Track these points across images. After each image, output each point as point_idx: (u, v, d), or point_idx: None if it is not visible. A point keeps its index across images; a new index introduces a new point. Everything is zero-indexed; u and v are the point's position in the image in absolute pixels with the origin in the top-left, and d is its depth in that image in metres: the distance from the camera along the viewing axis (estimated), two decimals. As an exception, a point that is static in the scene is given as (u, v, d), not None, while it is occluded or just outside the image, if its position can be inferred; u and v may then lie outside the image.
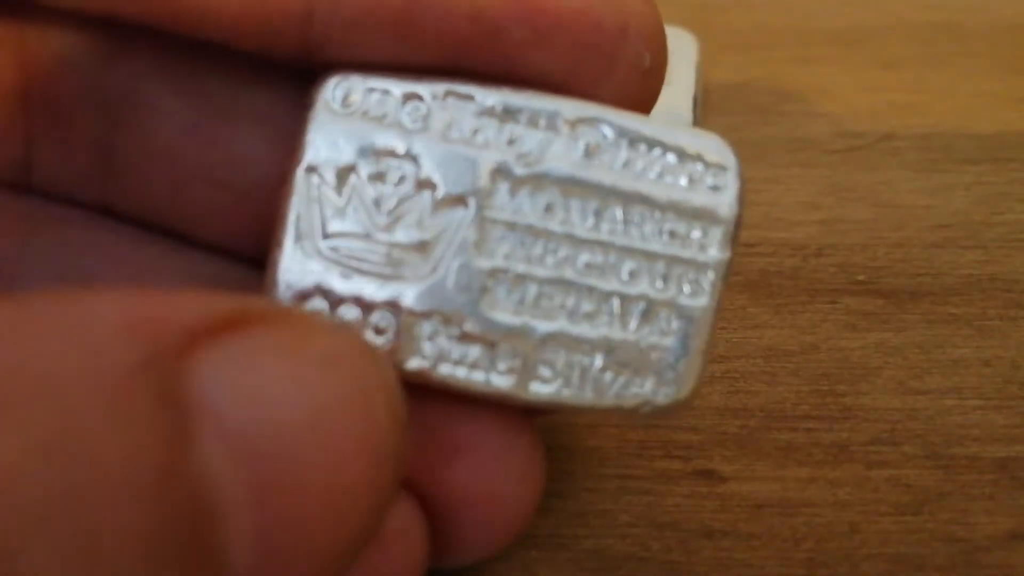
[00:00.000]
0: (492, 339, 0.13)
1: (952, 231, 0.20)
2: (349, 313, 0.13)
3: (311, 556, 0.10)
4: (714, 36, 0.24)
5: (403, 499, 0.13)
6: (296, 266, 0.13)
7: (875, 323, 0.19)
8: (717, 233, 0.13)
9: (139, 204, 0.14)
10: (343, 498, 0.10)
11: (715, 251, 0.13)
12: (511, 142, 0.13)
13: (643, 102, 0.14)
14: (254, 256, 0.14)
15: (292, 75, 0.14)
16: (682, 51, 0.23)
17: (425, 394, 0.13)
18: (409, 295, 0.13)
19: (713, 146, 0.13)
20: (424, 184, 0.13)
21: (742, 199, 0.13)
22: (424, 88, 0.13)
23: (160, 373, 0.09)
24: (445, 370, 0.13)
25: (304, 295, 0.13)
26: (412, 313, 0.13)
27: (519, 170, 0.13)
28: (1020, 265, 0.20)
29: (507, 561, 0.16)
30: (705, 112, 0.23)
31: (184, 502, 0.09)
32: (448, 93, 0.13)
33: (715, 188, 0.13)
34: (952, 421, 0.17)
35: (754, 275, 0.20)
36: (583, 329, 0.13)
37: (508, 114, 0.13)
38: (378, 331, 0.13)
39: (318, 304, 0.13)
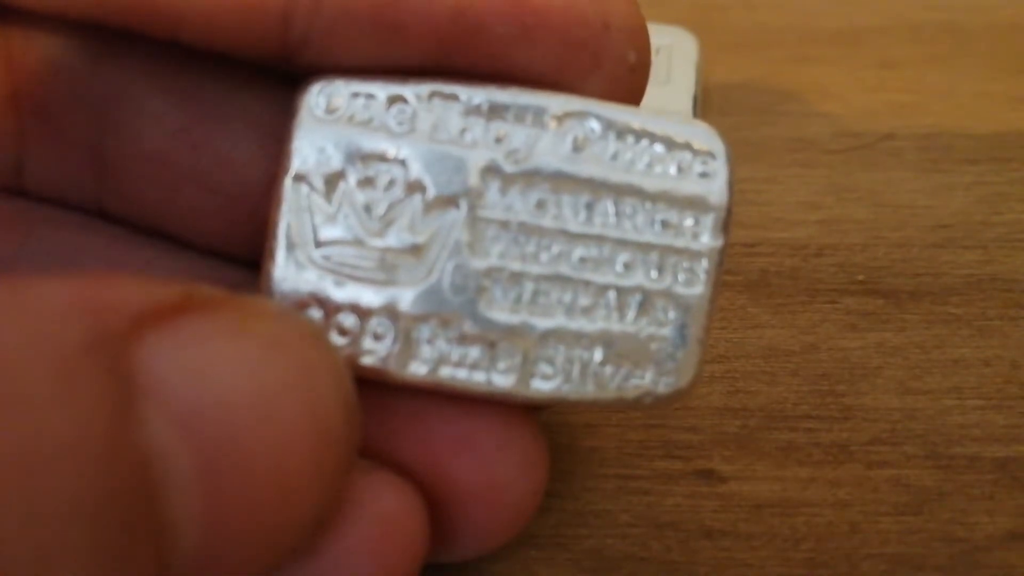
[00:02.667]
0: (491, 339, 0.13)
1: (952, 231, 0.20)
2: (346, 321, 0.13)
3: (260, 533, 0.10)
4: (714, 36, 0.24)
5: (404, 486, 0.13)
6: (290, 276, 0.13)
7: (875, 323, 0.19)
8: (709, 220, 0.13)
9: (132, 207, 0.14)
10: (290, 477, 0.11)
11: (708, 238, 0.13)
12: (499, 140, 0.13)
13: (630, 99, 0.14)
14: (248, 258, 0.14)
15: (282, 77, 0.14)
16: (682, 51, 0.23)
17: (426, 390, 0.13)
18: (405, 299, 0.13)
19: (701, 134, 0.13)
20: (414, 187, 0.13)
21: (732, 185, 0.13)
22: (408, 90, 0.13)
23: (106, 352, 0.10)
24: (446, 373, 0.13)
25: (300, 305, 0.13)
26: (409, 317, 0.13)
27: (509, 168, 0.13)
28: (1020, 265, 0.20)
29: (507, 561, 0.16)
30: (705, 112, 0.23)
31: (130, 473, 0.09)
32: (433, 94, 0.13)
33: (705, 175, 0.13)
34: (952, 421, 0.17)
35: (754, 275, 0.20)
36: (581, 324, 0.13)
37: (494, 112, 0.13)
38: (376, 337, 0.13)
39: (314, 314, 0.13)
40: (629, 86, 0.13)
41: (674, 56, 0.23)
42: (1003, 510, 0.16)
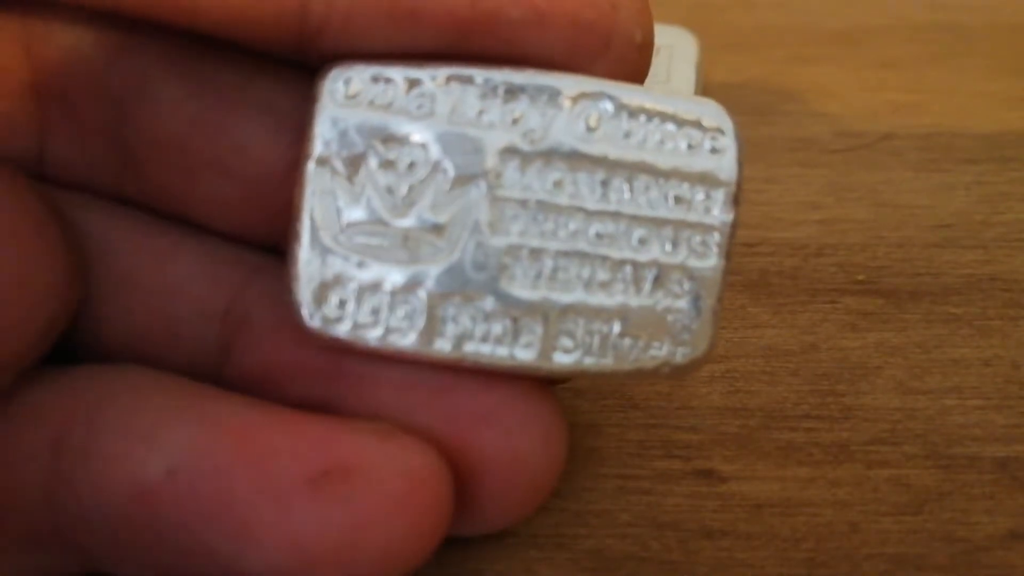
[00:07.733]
0: (513, 314, 0.13)
1: (952, 231, 0.20)
2: (372, 300, 0.13)
3: None
4: (714, 36, 0.24)
5: (429, 448, 0.13)
6: (315, 259, 0.13)
7: (875, 323, 0.19)
8: (720, 195, 0.14)
9: (152, 193, 0.15)
10: None
11: (719, 212, 0.14)
12: (515, 121, 0.13)
13: (636, 77, 0.14)
14: (268, 243, 0.14)
15: (298, 65, 0.14)
16: (682, 51, 0.23)
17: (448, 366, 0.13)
18: (429, 278, 0.13)
19: (710, 111, 0.14)
20: (435, 168, 0.13)
21: (741, 160, 0.14)
22: (426, 74, 0.13)
23: None
24: (470, 348, 0.13)
25: (325, 287, 0.13)
26: (433, 295, 0.13)
27: (526, 148, 0.13)
28: (1020, 265, 0.20)
29: (507, 561, 0.16)
30: (705, 112, 0.23)
31: None
32: (451, 78, 0.13)
33: (715, 151, 0.14)
34: (952, 421, 0.17)
35: (754, 275, 0.20)
36: (600, 298, 0.13)
37: (511, 94, 0.13)
38: (401, 316, 0.13)
39: (340, 294, 0.13)
40: (636, 64, 0.14)
41: (674, 56, 0.23)
42: (1003, 510, 0.16)
